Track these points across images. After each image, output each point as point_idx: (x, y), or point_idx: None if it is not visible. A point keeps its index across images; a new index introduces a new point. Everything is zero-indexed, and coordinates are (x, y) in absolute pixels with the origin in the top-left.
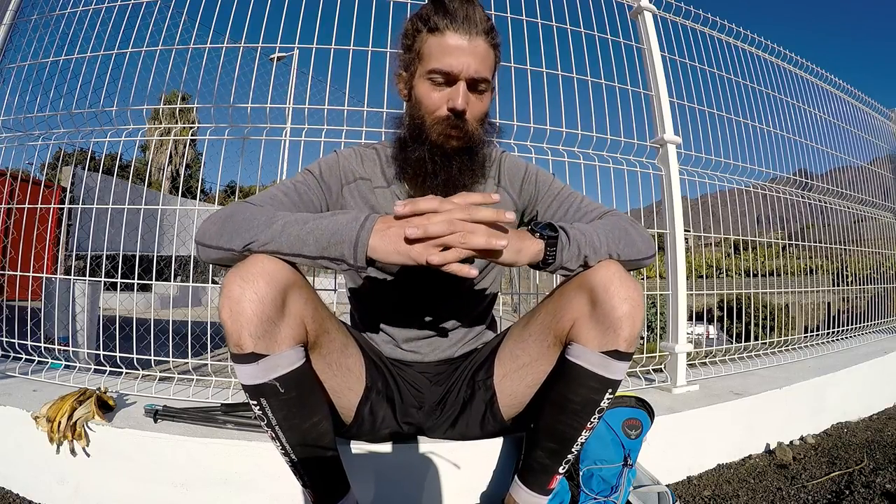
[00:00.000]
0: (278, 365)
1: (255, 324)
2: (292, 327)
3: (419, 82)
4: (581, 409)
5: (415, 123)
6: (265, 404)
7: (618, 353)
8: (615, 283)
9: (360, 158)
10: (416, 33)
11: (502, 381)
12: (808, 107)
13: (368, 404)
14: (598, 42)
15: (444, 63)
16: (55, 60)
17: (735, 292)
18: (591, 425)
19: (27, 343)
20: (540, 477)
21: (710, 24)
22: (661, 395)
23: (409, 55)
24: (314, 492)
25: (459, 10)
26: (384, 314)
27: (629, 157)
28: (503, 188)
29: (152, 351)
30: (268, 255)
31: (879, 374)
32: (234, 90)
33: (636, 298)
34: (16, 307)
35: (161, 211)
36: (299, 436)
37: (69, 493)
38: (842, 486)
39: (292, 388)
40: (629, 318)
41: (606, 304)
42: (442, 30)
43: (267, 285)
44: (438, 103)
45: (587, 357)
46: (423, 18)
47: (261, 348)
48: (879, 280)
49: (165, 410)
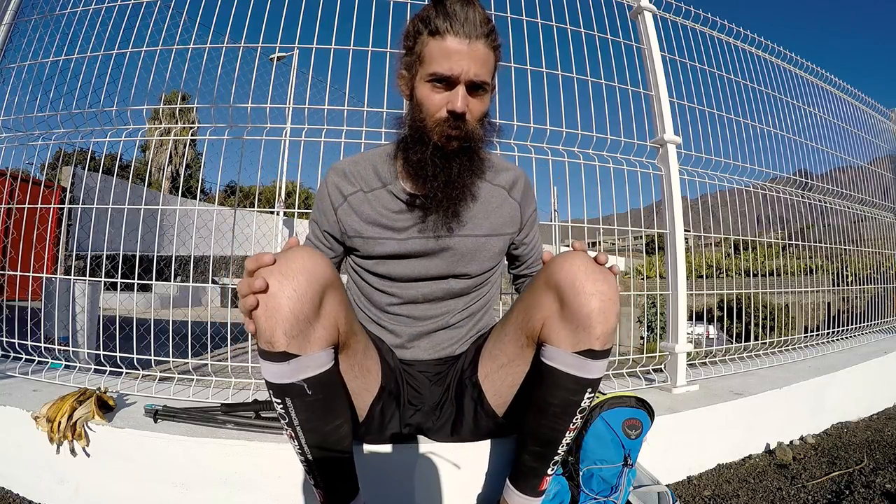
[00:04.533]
0: (308, 366)
1: (292, 322)
2: (326, 328)
3: (420, 84)
4: (561, 412)
5: (416, 125)
6: (289, 405)
7: (592, 353)
8: (580, 277)
9: (343, 175)
10: (417, 35)
11: (486, 381)
12: (808, 107)
13: (380, 404)
14: (598, 42)
15: (444, 67)
16: (55, 60)
17: (735, 292)
18: (573, 426)
19: (27, 343)
20: (530, 480)
21: (710, 24)
22: (661, 395)
23: (411, 57)
24: (325, 493)
25: (460, 13)
26: (388, 313)
27: (629, 157)
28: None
29: (152, 351)
30: (309, 250)
31: (879, 374)
32: (234, 90)
33: (606, 291)
34: (16, 307)
35: (161, 211)
36: (319, 438)
37: (69, 493)
38: (842, 486)
39: (319, 391)
40: (600, 314)
41: (574, 301)
42: (442, 33)
43: (307, 283)
44: (439, 105)
45: (561, 359)
46: (423, 20)
47: (294, 348)
48: (879, 280)
49: (165, 410)
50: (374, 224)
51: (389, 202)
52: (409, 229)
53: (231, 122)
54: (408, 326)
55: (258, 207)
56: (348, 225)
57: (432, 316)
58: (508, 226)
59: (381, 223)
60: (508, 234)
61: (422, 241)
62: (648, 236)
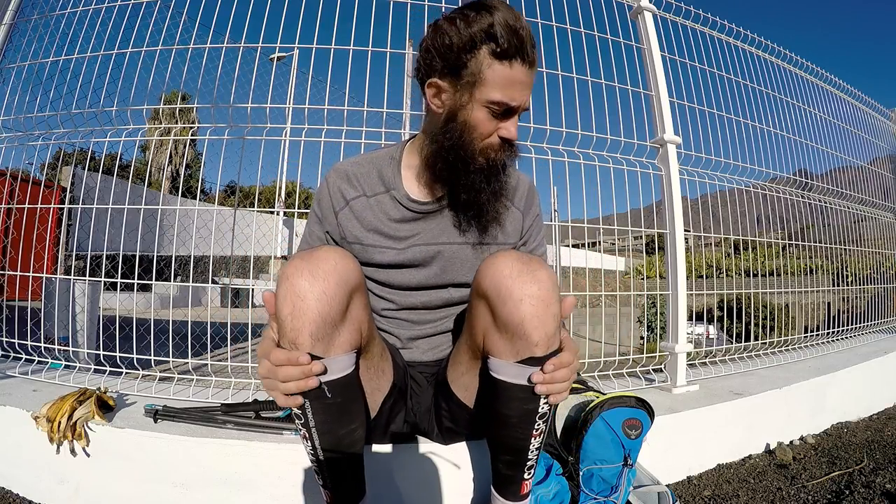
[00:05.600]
0: (331, 369)
1: (319, 325)
2: (350, 332)
3: (475, 107)
4: (520, 421)
5: (461, 144)
6: (307, 406)
7: (535, 360)
8: (505, 282)
9: (345, 177)
10: (472, 49)
11: (454, 384)
12: (808, 107)
13: (390, 402)
14: (598, 42)
15: (509, 97)
16: (55, 60)
17: (735, 292)
18: (537, 432)
19: (27, 343)
20: (509, 486)
21: (710, 24)
22: (661, 395)
23: (463, 72)
24: (333, 493)
25: (527, 39)
26: (385, 317)
27: (629, 157)
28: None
29: (152, 351)
30: (340, 251)
31: (879, 374)
32: (234, 90)
33: (537, 292)
34: (16, 307)
35: (161, 211)
36: (334, 441)
37: (69, 493)
38: (842, 486)
39: (338, 395)
40: (533, 320)
41: (503, 311)
42: (510, 58)
43: (337, 286)
44: (492, 130)
45: (505, 370)
46: (486, 35)
47: (318, 350)
48: (879, 280)
49: (165, 410)
50: (375, 232)
51: (391, 209)
52: (410, 238)
53: (231, 122)
54: (406, 329)
55: (258, 207)
56: (348, 231)
57: (431, 320)
58: (511, 236)
59: (382, 231)
60: (509, 245)
61: (422, 249)
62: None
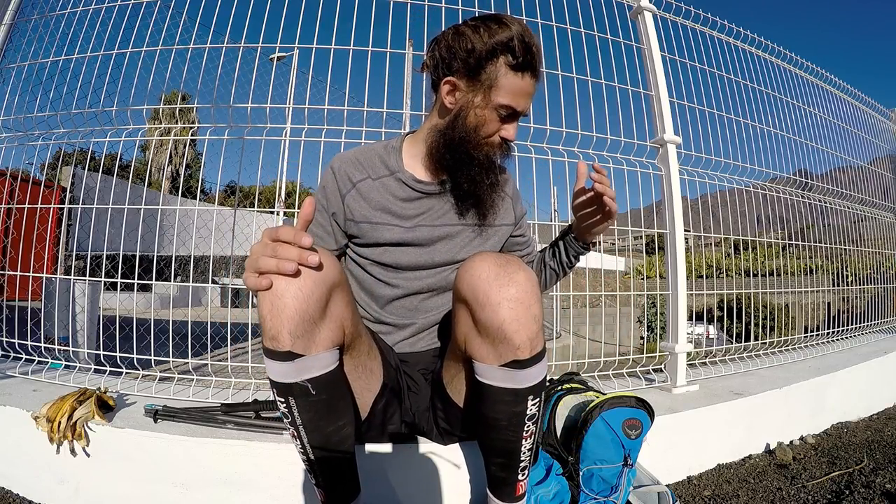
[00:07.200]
0: (313, 367)
1: (297, 322)
2: (332, 329)
3: (485, 108)
4: (509, 424)
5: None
6: (292, 404)
7: (519, 363)
8: (482, 286)
9: (351, 162)
10: (490, 57)
11: (448, 386)
12: (808, 107)
13: (383, 401)
14: (598, 42)
15: (516, 103)
16: (55, 60)
17: (735, 292)
18: (528, 433)
19: (27, 343)
20: (504, 488)
21: (710, 24)
22: (661, 395)
23: (481, 76)
24: (326, 492)
25: (537, 55)
26: (387, 305)
27: (629, 157)
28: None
29: (152, 351)
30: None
31: (879, 374)
32: (233, 90)
33: (515, 294)
34: (16, 307)
35: (161, 211)
36: (322, 439)
37: (69, 493)
38: (842, 486)
39: (323, 391)
40: (513, 324)
41: (482, 316)
42: (523, 71)
43: (314, 283)
44: (496, 130)
45: (491, 374)
46: (505, 47)
47: (298, 348)
48: (879, 280)
49: (165, 410)
50: (383, 210)
51: (397, 189)
52: (416, 217)
53: (231, 122)
54: (409, 319)
55: (258, 207)
56: (357, 211)
57: (434, 308)
58: (506, 218)
59: (390, 210)
60: (507, 226)
61: (428, 230)
62: (648, 236)
